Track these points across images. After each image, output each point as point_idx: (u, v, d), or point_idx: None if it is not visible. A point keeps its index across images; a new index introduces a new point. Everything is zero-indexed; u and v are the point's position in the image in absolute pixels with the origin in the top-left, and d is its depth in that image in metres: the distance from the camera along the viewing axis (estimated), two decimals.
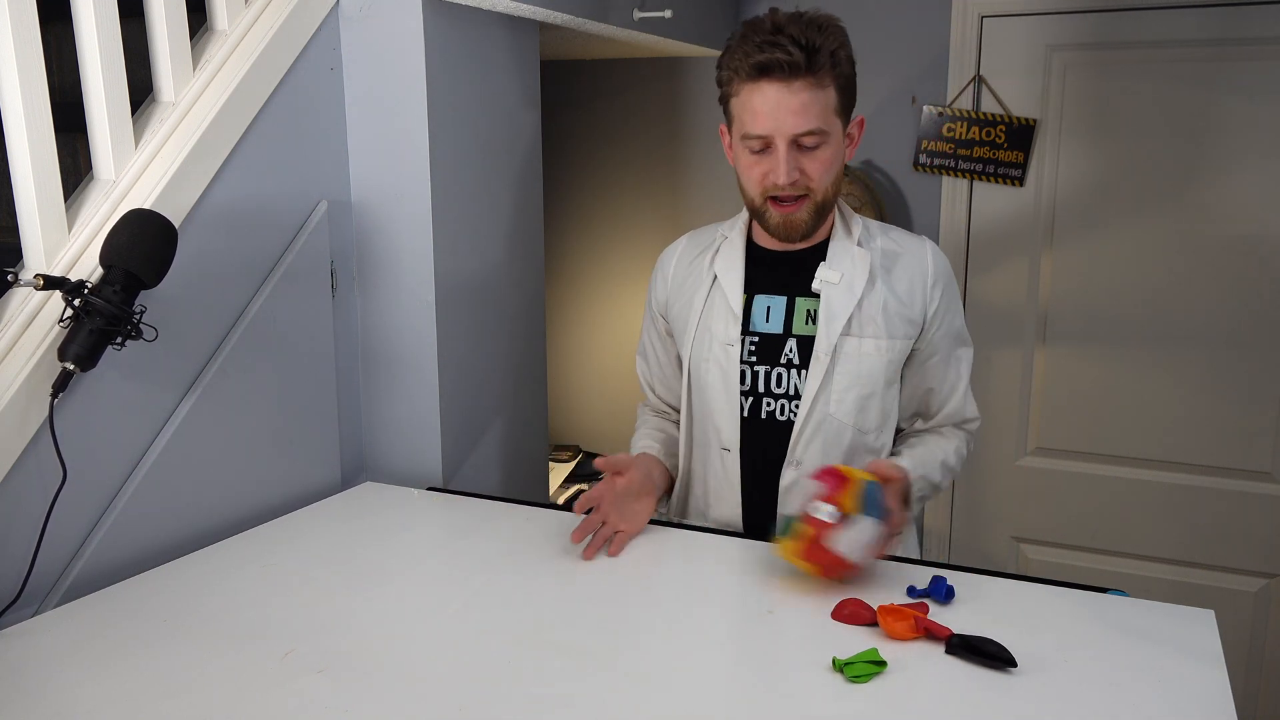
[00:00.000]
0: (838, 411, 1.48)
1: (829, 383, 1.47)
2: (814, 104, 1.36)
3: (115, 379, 1.37)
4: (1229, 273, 2.43)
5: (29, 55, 1.28)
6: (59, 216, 1.34)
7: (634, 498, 1.49)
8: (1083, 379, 2.59)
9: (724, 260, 1.54)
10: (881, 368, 1.48)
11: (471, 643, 1.16)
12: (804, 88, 1.35)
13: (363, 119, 1.78)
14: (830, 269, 1.49)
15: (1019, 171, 2.55)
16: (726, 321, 1.51)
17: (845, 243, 1.51)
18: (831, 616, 1.21)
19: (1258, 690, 2.54)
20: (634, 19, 2.20)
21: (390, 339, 1.84)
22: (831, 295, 1.48)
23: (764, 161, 1.41)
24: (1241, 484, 2.49)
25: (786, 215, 1.43)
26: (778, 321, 1.50)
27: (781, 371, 1.49)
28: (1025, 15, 2.51)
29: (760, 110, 1.37)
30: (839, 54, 1.38)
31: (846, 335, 1.47)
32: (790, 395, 1.49)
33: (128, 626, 1.19)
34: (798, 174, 1.39)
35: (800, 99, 1.35)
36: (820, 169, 1.41)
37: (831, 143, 1.40)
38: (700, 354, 1.53)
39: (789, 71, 1.34)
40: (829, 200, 1.45)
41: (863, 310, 1.47)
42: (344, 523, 1.56)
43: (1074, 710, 1.02)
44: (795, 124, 1.36)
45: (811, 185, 1.41)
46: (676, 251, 1.63)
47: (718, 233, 1.59)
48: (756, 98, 1.37)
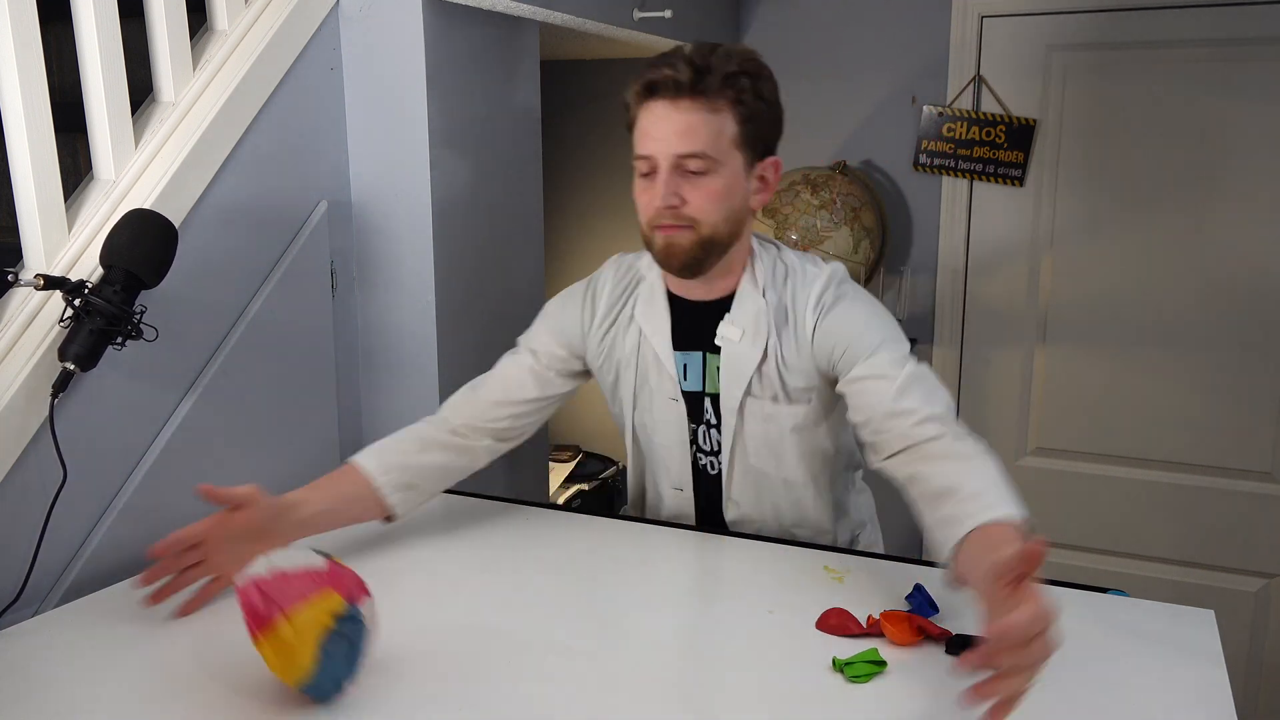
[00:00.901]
0: (758, 462, 1.44)
1: (740, 440, 1.42)
2: (701, 127, 1.26)
3: (115, 379, 1.37)
4: (1229, 272, 2.43)
5: (29, 55, 1.28)
6: (59, 216, 1.34)
7: (253, 539, 1.21)
8: (1083, 379, 2.59)
9: (646, 311, 1.44)
10: (788, 430, 1.40)
11: (471, 643, 1.16)
12: (692, 108, 1.26)
13: (363, 119, 1.78)
14: (731, 325, 1.39)
15: (1019, 171, 2.55)
16: (663, 379, 1.45)
17: (751, 295, 1.38)
18: (816, 627, 1.19)
19: (1258, 690, 2.54)
20: (634, 19, 2.20)
21: (390, 339, 1.84)
22: (732, 353, 1.39)
23: (651, 187, 1.31)
24: (1241, 484, 2.49)
25: (668, 238, 1.31)
26: (695, 379, 1.43)
27: (703, 429, 1.45)
28: (1025, 15, 2.51)
29: (646, 130, 1.29)
30: (739, 80, 1.27)
31: (749, 395, 1.39)
32: (714, 451, 1.46)
33: (128, 626, 1.19)
34: (676, 199, 1.28)
35: (686, 119, 1.26)
36: (703, 198, 1.29)
37: (722, 174, 1.29)
38: (644, 405, 1.47)
39: (674, 89, 1.26)
40: (719, 237, 1.32)
41: (762, 372, 1.38)
42: None
43: (1074, 710, 1.01)
44: (677, 144, 1.27)
45: (693, 214, 1.29)
46: (605, 289, 1.49)
47: (638, 268, 1.48)
48: (646, 117, 1.29)
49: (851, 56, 2.70)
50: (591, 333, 1.49)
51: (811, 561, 1.38)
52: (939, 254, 2.67)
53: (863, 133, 2.71)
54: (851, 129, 2.73)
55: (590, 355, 1.50)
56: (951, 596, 1.25)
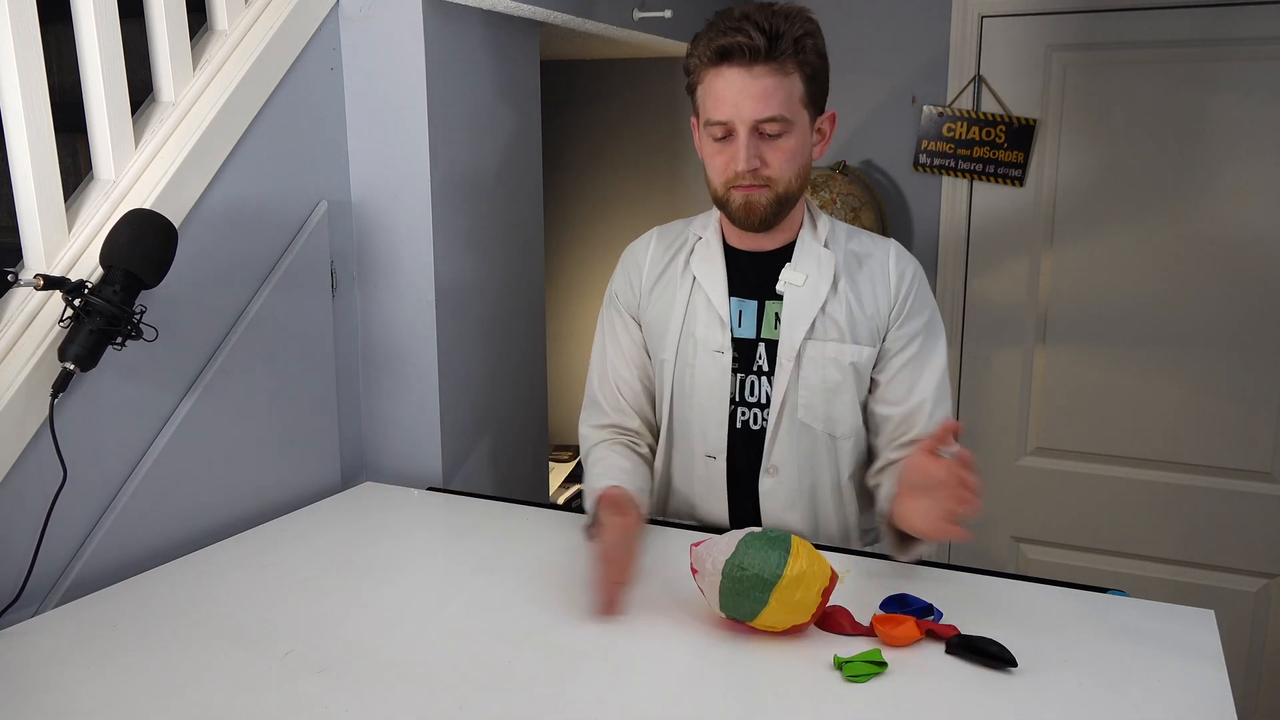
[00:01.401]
0: (806, 416, 1.45)
1: (795, 387, 1.44)
2: (776, 90, 1.33)
3: (115, 379, 1.37)
4: (1229, 272, 2.43)
5: (29, 55, 1.28)
6: (59, 216, 1.34)
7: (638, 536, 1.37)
8: (1083, 379, 2.59)
9: (703, 262, 1.50)
10: (848, 372, 1.45)
11: (471, 643, 1.16)
12: (766, 73, 1.33)
13: (363, 119, 1.78)
14: (794, 270, 1.45)
15: (1019, 171, 2.55)
16: (712, 327, 1.47)
17: (811, 244, 1.47)
18: (815, 625, 1.19)
19: (1258, 690, 2.54)
20: (634, 19, 2.20)
21: (390, 339, 1.84)
22: (795, 298, 1.44)
23: (726, 150, 1.38)
24: (1241, 484, 2.49)
25: (747, 196, 1.38)
26: (750, 326, 1.47)
27: (754, 379, 1.47)
28: (1025, 15, 2.51)
29: (722, 96, 1.35)
30: (804, 42, 1.35)
31: (810, 339, 1.43)
32: (761, 404, 1.46)
33: (128, 626, 1.19)
34: (758, 162, 1.36)
35: (762, 84, 1.33)
36: (781, 158, 1.37)
37: (796, 133, 1.37)
38: (685, 360, 1.49)
39: (750, 56, 1.32)
40: (792, 193, 1.40)
41: (826, 313, 1.44)
42: (344, 523, 1.56)
43: (1074, 710, 1.02)
44: (756, 109, 1.33)
45: (771, 175, 1.37)
46: (648, 250, 1.56)
47: (689, 230, 1.55)
48: (719, 83, 1.35)
49: (851, 56, 2.70)
50: (643, 289, 1.55)
51: None
52: (939, 254, 2.67)
53: (863, 133, 2.71)
54: (851, 129, 2.73)
55: (645, 313, 1.55)
56: (965, 590, 1.25)
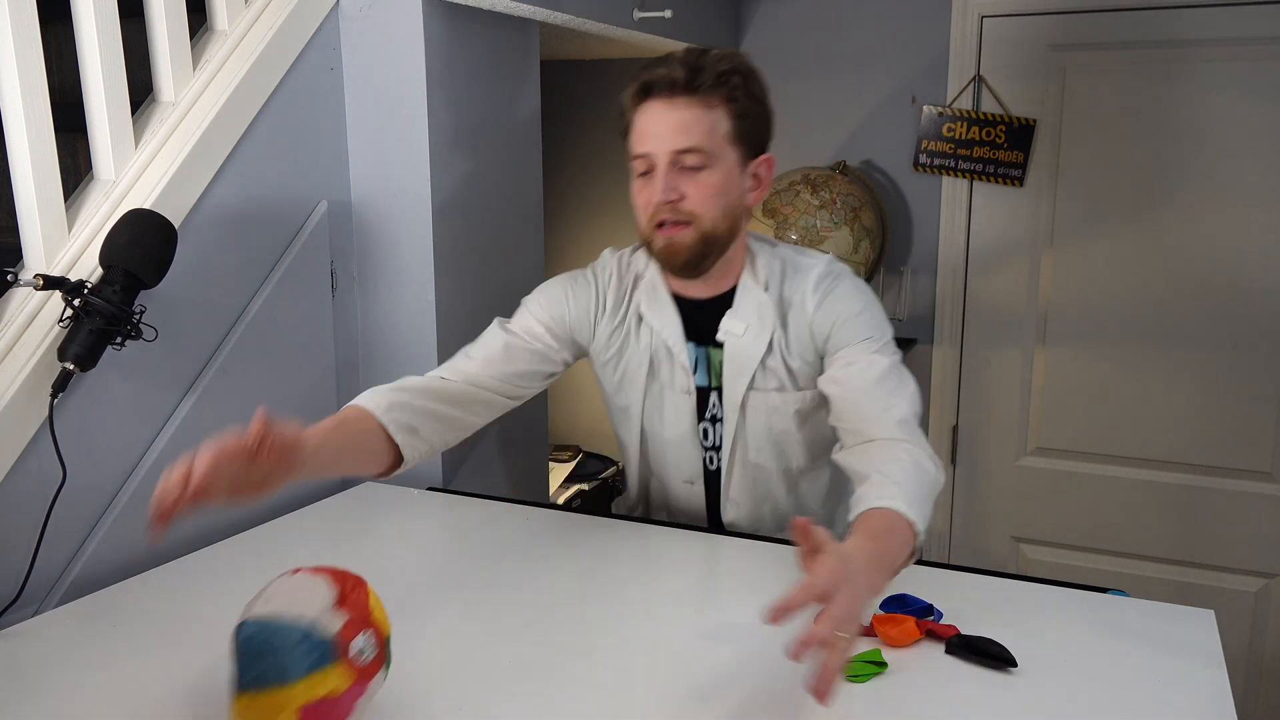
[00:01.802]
0: (758, 457, 1.46)
1: (742, 434, 1.45)
2: (697, 123, 1.30)
3: (115, 379, 1.37)
4: (1229, 272, 2.43)
5: (29, 55, 1.28)
6: (59, 216, 1.34)
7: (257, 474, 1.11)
8: (1083, 379, 2.59)
9: (653, 308, 1.45)
10: (792, 415, 1.43)
11: (472, 643, 1.16)
12: (686, 105, 1.30)
13: (363, 119, 1.78)
14: (735, 319, 1.41)
15: (1019, 171, 2.55)
16: (676, 372, 1.46)
17: (752, 290, 1.41)
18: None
19: (1258, 690, 2.54)
20: (634, 19, 2.20)
21: (390, 339, 1.84)
22: (736, 348, 1.41)
23: (648, 186, 1.33)
24: (1241, 484, 2.49)
25: (669, 238, 1.33)
26: (702, 374, 1.45)
27: (707, 425, 1.47)
28: (1025, 15, 2.51)
29: (643, 129, 1.32)
30: (730, 78, 1.31)
31: (751, 390, 1.42)
32: (716, 446, 1.48)
33: (128, 626, 1.19)
34: (675, 194, 1.31)
35: (681, 115, 1.30)
36: (701, 193, 1.31)
37: (719, 169, 1.32)
38: (654, 404, 1.48)
39: (670, 88, 1.30)
40: (718, 234, 1.34)
41: (766, 365, 1.41)
42: (344, 523, 1.56)
43: (1074, 710, 1.01)
44: (674, 140, 1.30)
45: (692, 209, 1.31)
46: (612, 280, 1.49)
47: (635, 264, 1.49)
48: (641, 117, 1.33)
49: (851, 56, 2.70)
50: (601, 325, 1.49)
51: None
52: (939, 254, 2.67)
53: (863, 133, 2.71)
54: (851, 129, 2.73)
55: (596, 348, 1.50)
56: (965, 590, 1.25)
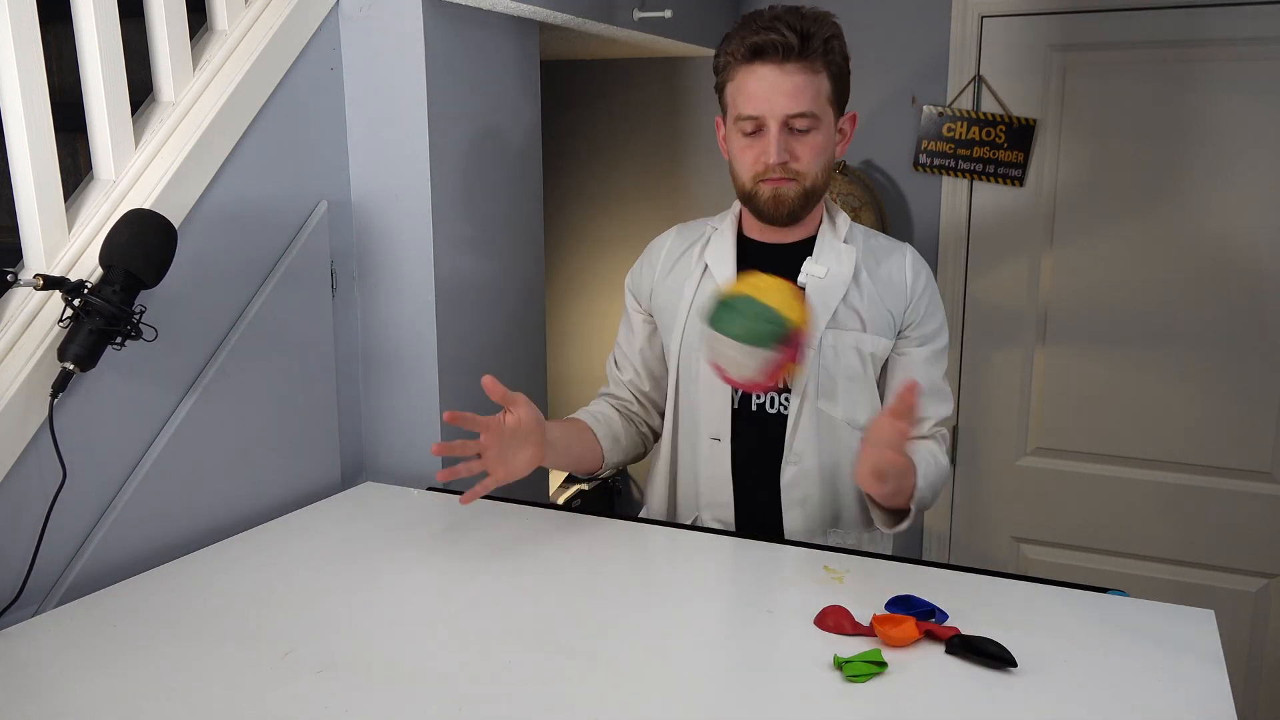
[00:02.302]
0: (826, 405, 1.50)
1: (815, 375, 1.49)
2: (807, 88, 1.39)
3: (115, 379, 1.37)
4: (1229, 272, 2.43)
5: (29, 55, 1.28)
6: (59, 216, 1.34)
7: (520, 444, 1.41)
8: (1083, 379, 2.59)
9: (715, 251, 1.55)
10: (866, 361, 1.50)
11: (471, 643, 1.16)
12: (797, 70, 1.38)
13: (363, 119, 1.78)
14: (816, 263, 1.50)
15: (1019, 171, 2.55)
16: None
17: (831, 239, 1.52)
18: (815, 624, 1.19)
19: (1258, 690, 2.54)
20: (634, 19, 2.20)
21: (390, 339, 1.84)
22: (817, 289, 1.49)
23: (756, 144, 1.43)
24: (1241, 484, 2.49)
25: (775, 189, 1.44)
26: None
27: None
28: (1025, 15, 2.51)
29: (754, 92, 1.40)
30: (832, 43, 1.41)
31: (832, 328, 1.48)
32: (782, 389, 1.50)
33: (128, 626, 1.19)
34: (788, 156, 1.41)
35: (793, 81, 1.38)
36: (810, 153, 1.43)
37: (823, 129, 1.43)
38: (691, 343, 1.54)
39: (783, 54, 1.38)
40: (818, 187, 1.46)
41: (848, 304, 1.49)
42: (344, 523, 1.56)
43: (1074, 710, 1.02)
44: (787, 105, 1.39)
45: (800, 169, 1.43)
46: (666, 243, 1.63)
47: (707, 226, 1.61)
48: (751, 80, 1.40)
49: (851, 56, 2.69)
50: (656, 280, 1.61)
51: (811, 561, 1.38)
52: (939, 254, 2.67)
53: (863, 133, 2.71)
54: None
55: (656, 302, 1.61)
56: (965, 590, 1.25)
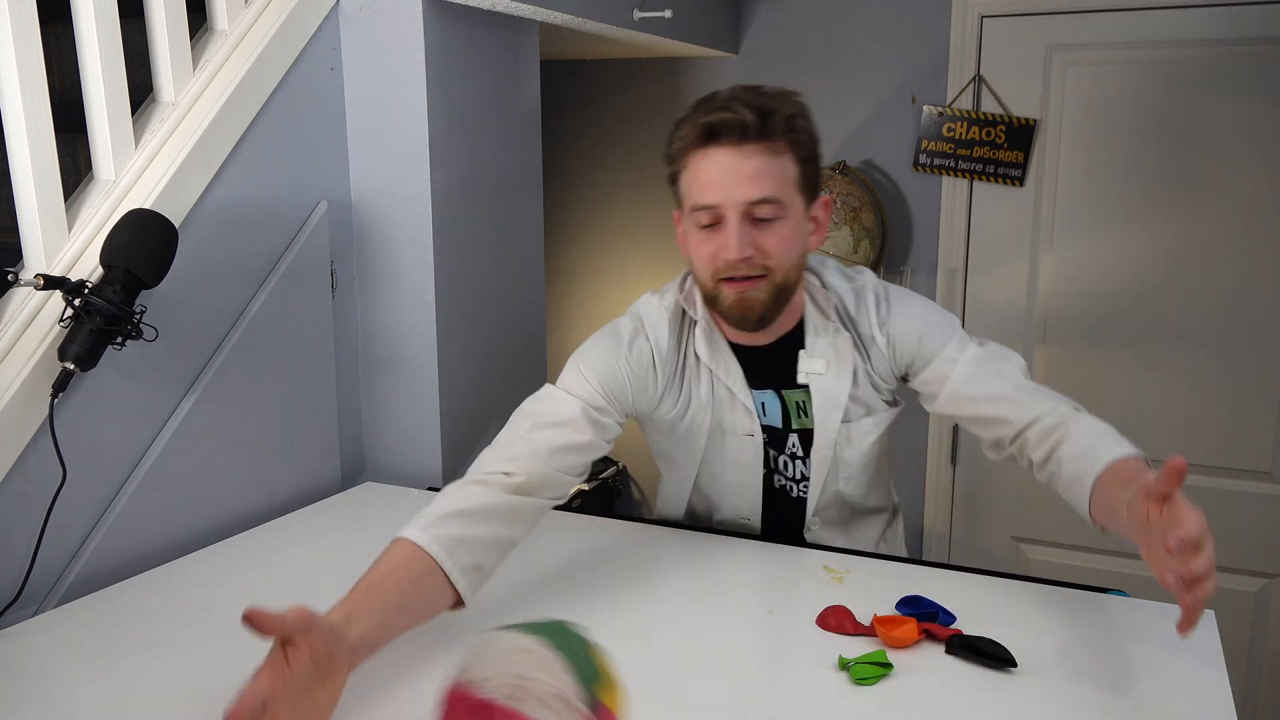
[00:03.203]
0: (846, 488, 1.45)
1: (835, 469, 1.43)
2: (768, 172, 1.23)
3: (115, 379, 1.37)
4: (1228, 272, 2.43)
5: (29, 55, 1.28)
6: (59, 216, 1.34)
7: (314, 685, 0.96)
8: (1083, 379, 2.59)
9: (712, 355, 1.38)
10: (879, 440, 1.43)
11: (471, 642, 1.15)
12: (756, 153, 1.22)
13: (363, 119, 1.78)
14: (813, 358, 1.37)
15: (1019, 171, 2.55)
16: (739, 416, 1.40)
17: (823, 325, 1.38)
18: (816, 624, 1.20)
19: (1258, 690, 2.54)
20: (634, 19, 2.20)
21: (390, 339, 1.84)
22: (821, 386, 1.38)
23: (714, 238, 1.25)
24: (1241, 484, 2.49)
25: (740, 293, 1.26)
26: (775, 416, 1.41)
27: (786, 459, 1.44)
28: (1025, 15, 2.51)
29: (709, 178, 1.23)
30: (796, 122, 1.25)
31: (845, 422, 1.39)
32: (797, 479, 1.45)
33: (128, 626, 1.19)
34: (751, 250, 1.24)
35: (753, 164, 1.22)
36: (779, 245, 1.25)
37: (790, 218, 1.26)
38: (717, 445, 1.43)
39: (740, 134, 1.21)
40: (790, 284, 1.29)
41: (855, 397, 1.39)
42: (344, 523, 1.56)
43: (1074, 710, 1.02)
44: (747, 191, 1.22)
45: (769, 264, 1.25)
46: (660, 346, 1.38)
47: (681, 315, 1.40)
48: (705, 165, 1.23)
49: (851, 56, 2.70)
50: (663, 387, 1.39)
51: (811, 561, 1.38)
52: (939, 254, 2.67)
53: (863, 133, 2.71)
54: (851, 129, 2.73)
55: (660, 412, 1.42)
56: (965, 590, 1.25)
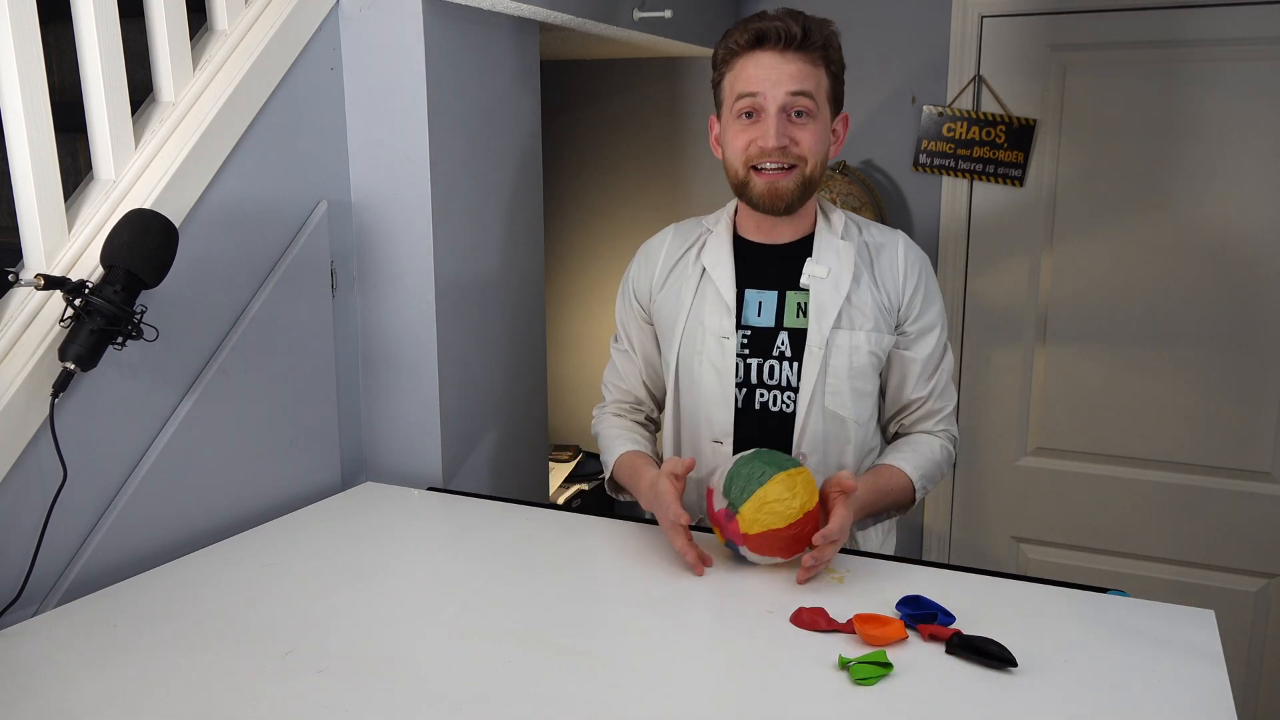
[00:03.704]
0: (834, 404, 1.49)
1: (824, 375, 1.49)
2: (807, 75, 1.41)
3: (115, 379, 1.37)
4: (1229, 272, 2.43)
5: (29, 55, 1.28)
6: (59, 216, 1.34)
7: None
8: (1083, 379, 2.59)
9: (712, 254, 1.54)
10: (870, 359, 1.50)
11: (471, 643, 1.16)
12: (798, 59, 1.40)
13: (363, 119, 1.78)
14: (817, 264, 1.50)
15: (1019, 171, 2.55)
16: (719, 315, 1.51)
17: (829, 237, 1.52)
18: (790, 621, 1.20)
19: (1258, 690, 2.54)
20: (634, 19, 2.20)
21: (390, 339, 1.84)
22: (821, 290, 1.49)
23: (752, 128, 1.43)
24: (1241, 484, 2.49)
25: (771, 183, 1.44)
26: (769, 315, 1.51)
27: (774, 364, 1.50)
28: (1025, 15, 2.51)
29: (754, 73, 1.41)
30: (832, 41, 1.44)
31: (837, 328, 1.48)
32: (783, 386, 1.50)
33: (128, 626, 1.19)
34: (787, 140, 1.41)
35: (794, 67, 1.40)
36: (810, 139, 1.42)
37: (820, 119, 1.43)
38: (692, 347, 1.53)
39: (785, 41, 1.39)
40: (815, 178, 1.46)
41: (851, 303, 1.49)
42: (344, 523, 1.56)
43: (1074, 710, 1.02)
44: (789, 84, 1.39)
45: (801, 153, 1.42)
46: (664, 243, 1.61)
47: (702, 226, 1.60)
48: (751, 65, 1.41)
49: (851, 56, 2.67)
50: (655, 283, 1.60)
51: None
52: (939, 254, 2.67)
53: (863, 133, 2.71)
54: (851, 129, 2.72)
55: (656, 304, 1.60)
56: (965, 590, 1.25)
